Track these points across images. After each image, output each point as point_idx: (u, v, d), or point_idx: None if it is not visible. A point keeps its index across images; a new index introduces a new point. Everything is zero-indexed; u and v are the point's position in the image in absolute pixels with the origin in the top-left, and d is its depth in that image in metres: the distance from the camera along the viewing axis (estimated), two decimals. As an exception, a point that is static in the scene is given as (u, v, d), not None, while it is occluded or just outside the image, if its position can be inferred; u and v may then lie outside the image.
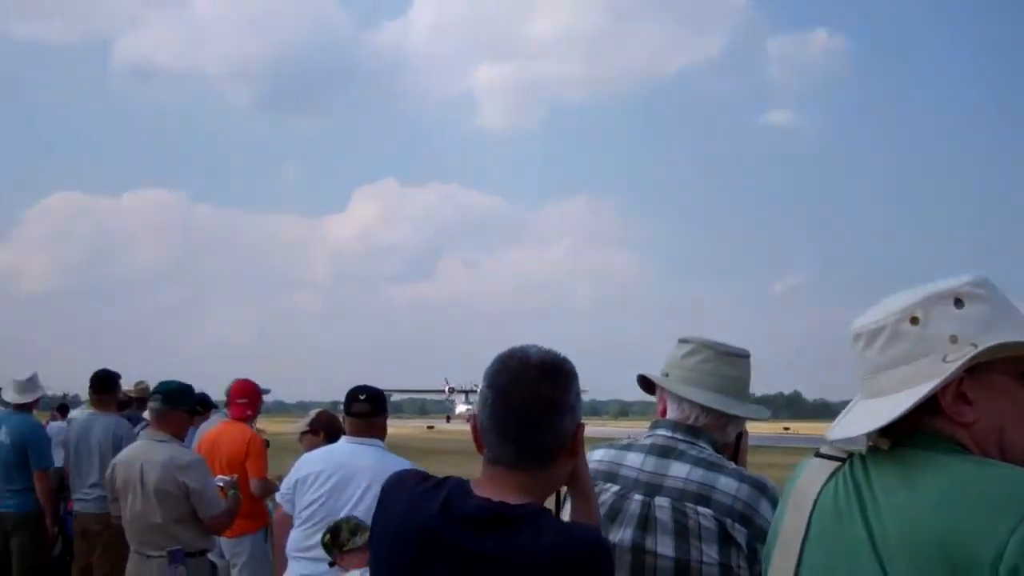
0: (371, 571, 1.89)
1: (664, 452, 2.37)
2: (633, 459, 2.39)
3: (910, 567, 1.41)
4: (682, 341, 2.52)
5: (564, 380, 1.83)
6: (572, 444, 1.84)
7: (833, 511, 1.57)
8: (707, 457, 2.34)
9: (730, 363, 2.46)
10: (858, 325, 1.57)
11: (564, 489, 2.03)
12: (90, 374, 7.13)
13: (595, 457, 2.41)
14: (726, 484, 2.27)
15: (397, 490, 1.89)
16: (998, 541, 1.33)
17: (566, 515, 2.06)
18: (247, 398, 6.31)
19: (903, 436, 1.53)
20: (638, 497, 2.31)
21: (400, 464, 4.14)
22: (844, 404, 1.64)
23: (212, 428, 6.40)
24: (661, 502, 2.28)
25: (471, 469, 1.88)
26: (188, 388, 5.13)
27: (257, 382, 6.52)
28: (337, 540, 3.85)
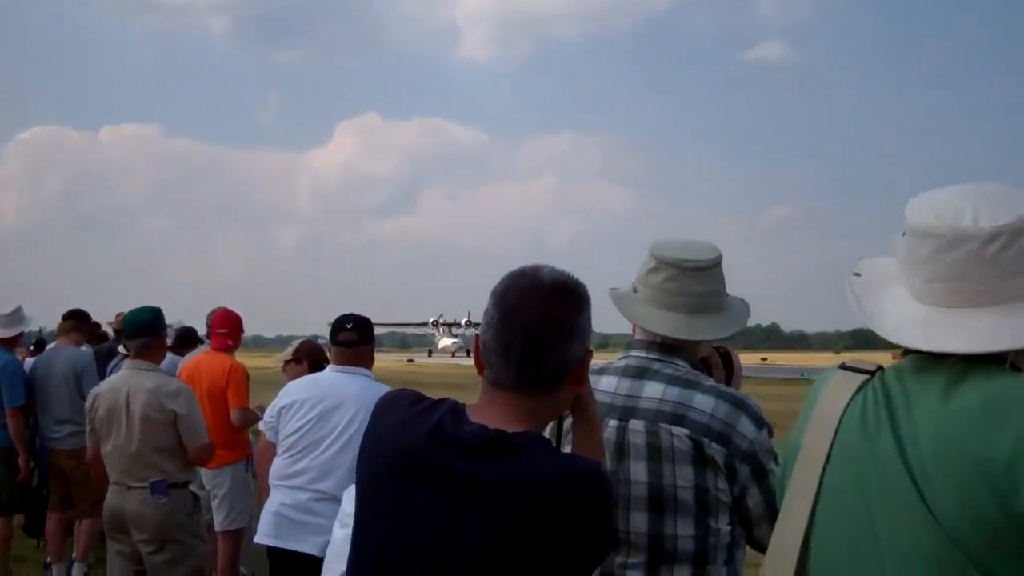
0: (357, 488, 1.80)
1: (638, 373, 2.27)
2: (607, 383, 2.29)
3: (947, 486, 1.34)
4: (650, 254, 2.33)
5: (576, 303, 1.72)
6: (579, 371, 1.73)
7: (861, 425, 1.49)
8: (682, 375, 2.24)
9: (696, 278, 2.28)
10: (994, 224, 1.40)
11: (567, 418, 1.94)
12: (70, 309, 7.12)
13: None
14: (702, 402, 2.17)
15: (390, 409, 1.79)
16: None
17: (568, 447, 1.97)
18: (227, 328, 6.19)
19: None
20: (613, 422, 2.22)
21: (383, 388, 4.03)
22: (821, 335, 1.57)
23: (192, 358, 6.29)
24: (635, 425, 2.20)
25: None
26: (157, 312, 4.98)
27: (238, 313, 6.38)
28: None
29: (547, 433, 1.88)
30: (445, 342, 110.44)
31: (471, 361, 1.86)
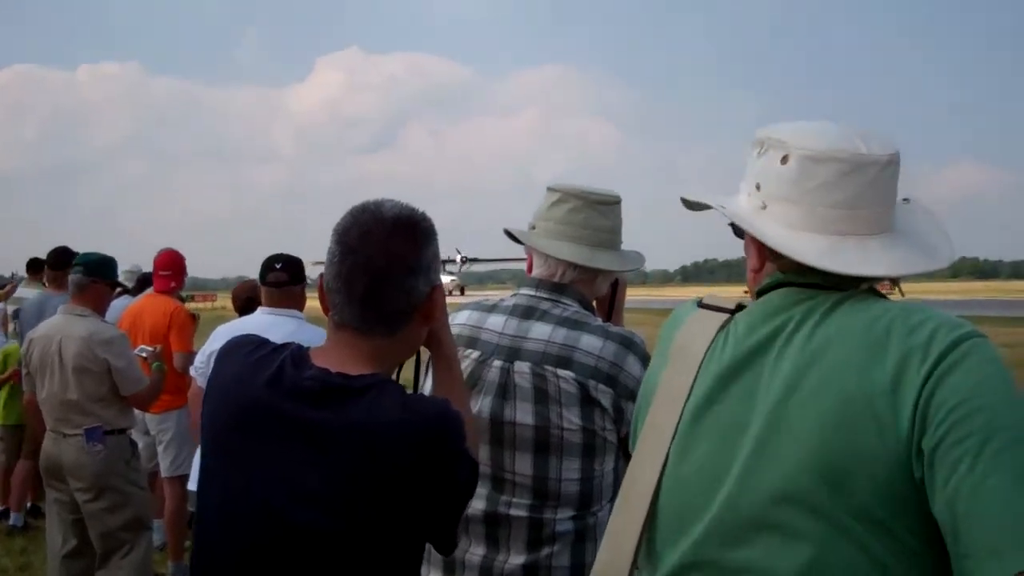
0: (202, 439, 1.75)
1: (527, 313, 2.24)
2: (495, 322, 2.26)
3: (822, 420, 1.29)
4: (550, 190, 2.34)
5: (420, 237, 1.70)
6: (426, 308, 1.71)
7: (729, 367, 1.43)
8: (571, 316, 2.21)
9: (601, 212, 2.29)
10: (885, 151, 1.40)
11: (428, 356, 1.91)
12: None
13: (458, 320, 2.28)
14: (589, 343, 2.14)
15: (231, 357, 1.73)
16: (915, 387, 1.24)
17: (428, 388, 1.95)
18: (171, 270, 6.06)
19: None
20: (498, 363, 2.19)
21: (318, 335, 3.94)
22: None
23: (135, 302, 6.16)
24: (521, 367, 2.16)
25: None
26: (110, 260, 4.87)
27: (183, 254, 6.22)
28: None
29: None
30: (442, 279, 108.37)
31: (463, 299, 1.77)
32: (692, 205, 1.59)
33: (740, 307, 1.52)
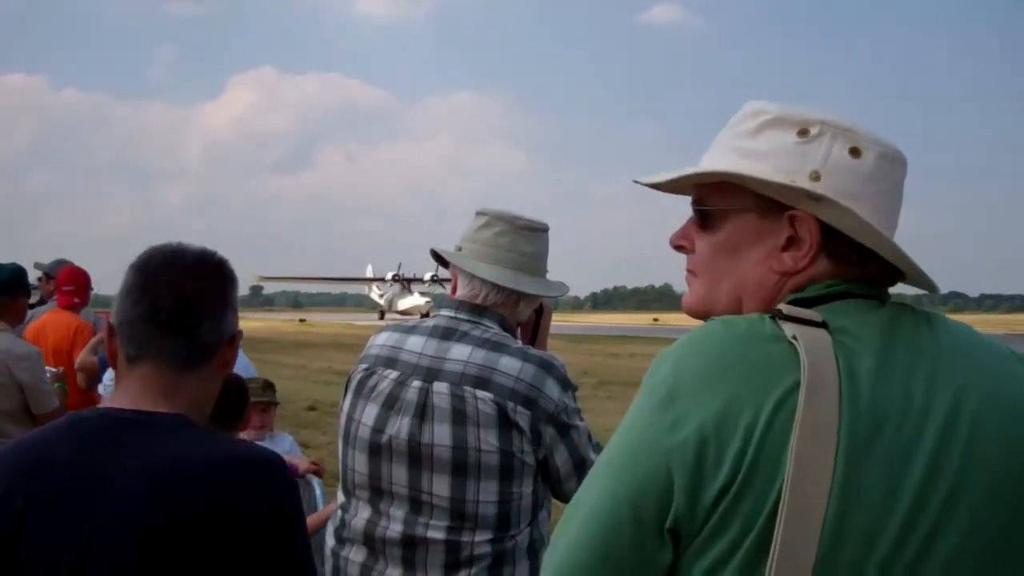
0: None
1: (446, 334, 2.25)
2: (415, 343, 2.26)
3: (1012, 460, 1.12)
4: (478, 213, 2.37)
5: (226, 275, 1.63)
6: (226, 353, 1.61)
7: (876, 388, 1.15)
8: (491, 337, 2.23)
9: (526, 238, 2.33)
10: (784, 111, 1.26)
11: None
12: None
13: (378, 341, 2.31)
14: (507, 365, 2.15)
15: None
16: None
17: None
18: (74, 285, 5.94)
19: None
20: (416, 383, 2.19)
21: (242, 356, 3.87)
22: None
23: (38, 317, 6.01)
24: (439, 387, 2.16)
25: (341, 362, 1.61)
26: (22, 271, 4.83)
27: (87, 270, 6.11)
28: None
29: None
30: (413, 301, 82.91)
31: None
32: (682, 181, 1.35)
33: (824, 321, 1.21)
